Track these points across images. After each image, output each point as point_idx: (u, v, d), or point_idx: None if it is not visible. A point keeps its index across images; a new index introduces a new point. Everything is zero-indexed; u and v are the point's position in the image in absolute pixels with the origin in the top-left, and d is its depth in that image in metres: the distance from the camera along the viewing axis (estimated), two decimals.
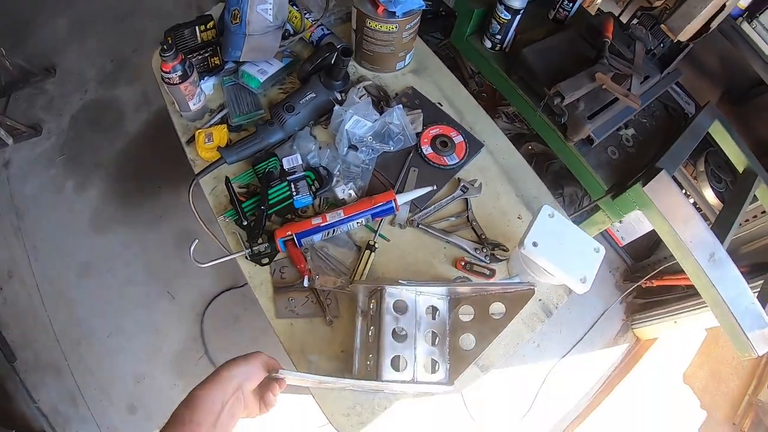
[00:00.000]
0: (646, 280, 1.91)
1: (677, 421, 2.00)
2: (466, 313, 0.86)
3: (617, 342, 2.05)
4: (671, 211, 1.16)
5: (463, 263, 1.01)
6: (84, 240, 1.94)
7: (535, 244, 0.87)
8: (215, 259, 1.00)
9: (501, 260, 1.04)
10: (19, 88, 2.20)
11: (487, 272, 1.01)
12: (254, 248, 0.97)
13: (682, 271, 1.85)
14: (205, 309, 1.86)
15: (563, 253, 0.87)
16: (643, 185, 1.16)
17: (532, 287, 0.76)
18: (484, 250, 1.03)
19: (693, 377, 2.08)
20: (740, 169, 1.47)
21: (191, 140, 1.11)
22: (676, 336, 2.09)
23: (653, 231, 1.80)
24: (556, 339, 1.99)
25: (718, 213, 1.47)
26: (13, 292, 1.84)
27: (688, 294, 1.84)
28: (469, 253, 1.03)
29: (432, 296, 0.88)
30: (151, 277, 1.90)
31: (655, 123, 1.50)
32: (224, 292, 1.88)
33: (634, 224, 1.80)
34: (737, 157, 1.45)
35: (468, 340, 0.84)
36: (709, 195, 1.56)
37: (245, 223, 0.99)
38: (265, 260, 0.98)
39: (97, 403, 1.74)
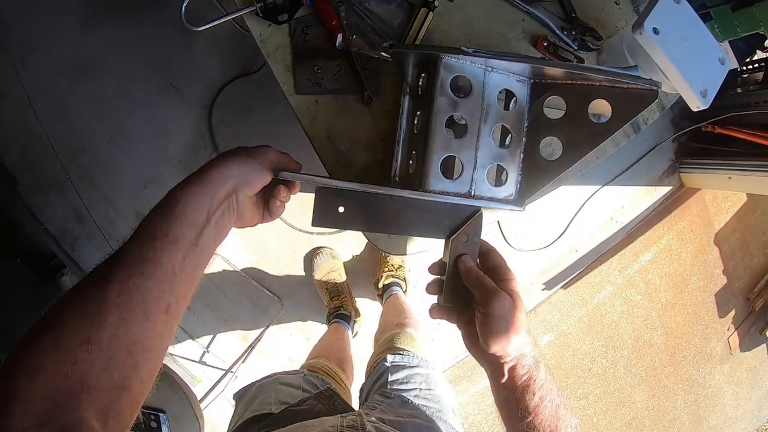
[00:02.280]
0: (709, 123, 1.69)
1: (698, 279, 2.00)
2: (553, 107, 0.63)
3: (662, 182, 1.95)
4: None
5: (545, 44, 0.76)
6: (75, 40, 1.63)
7: (656, 31, 0.61)
8: (215, 19, 0.75)
9: (593, 49, 0.79)
10: None
11: (574, 60, 0.77)
12: (268, 0, 0.72)
13: (756, 126, 1.63)
14: (213, 101, 1.64)
15: (685, 53, 0.63)
16: None
17: (654, 88, 0.54)
18: (573, 33, 0.77)
19: (723, 240, 2.01)
20: None
21: None
22: (720, 193, 1.96)
23: (732, 70, 1.52)
24: (600, 165, 1.89)
25: None
26: (4, 112, 1.63)
27: (754, 153, 1.64)
28: (554, 32, 0.77)
29: (508, 76, 0.63)
30: (153, 70, 1.65)
31: None
32: (235, 80, 1.64)
33: None
34: None
35: (552, 146, 0.62)
36: None
37: None
38: (283, 16, 0.73)
39: (103, 215, 1.68)
